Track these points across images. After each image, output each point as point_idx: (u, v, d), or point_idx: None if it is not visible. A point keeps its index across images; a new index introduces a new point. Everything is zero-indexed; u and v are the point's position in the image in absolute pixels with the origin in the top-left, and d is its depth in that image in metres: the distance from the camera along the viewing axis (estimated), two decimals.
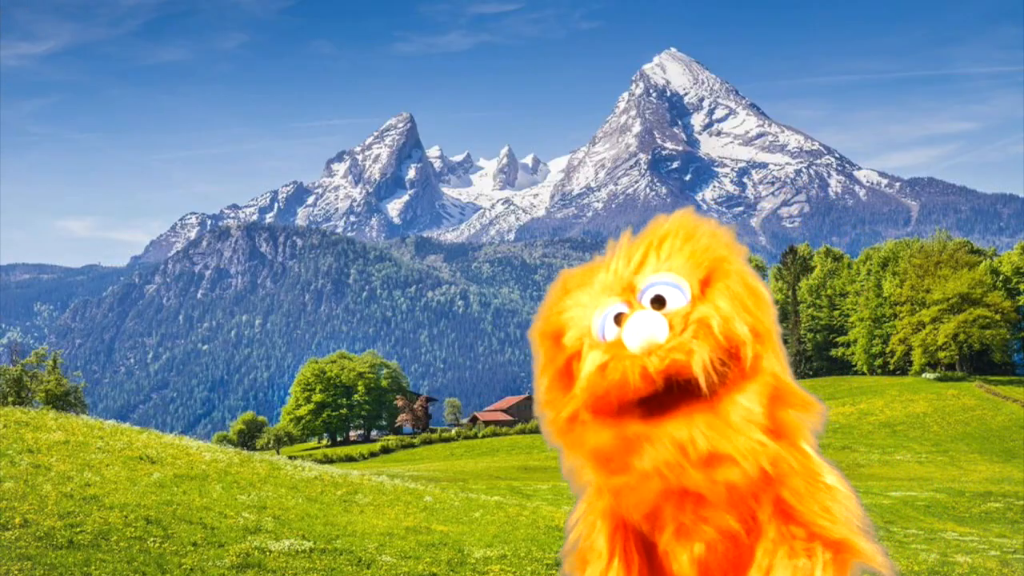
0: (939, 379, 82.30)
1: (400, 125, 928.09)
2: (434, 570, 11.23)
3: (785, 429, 1.53)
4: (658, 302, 1.52)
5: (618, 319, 1.52)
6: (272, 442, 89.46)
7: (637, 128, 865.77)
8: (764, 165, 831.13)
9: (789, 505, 1.53)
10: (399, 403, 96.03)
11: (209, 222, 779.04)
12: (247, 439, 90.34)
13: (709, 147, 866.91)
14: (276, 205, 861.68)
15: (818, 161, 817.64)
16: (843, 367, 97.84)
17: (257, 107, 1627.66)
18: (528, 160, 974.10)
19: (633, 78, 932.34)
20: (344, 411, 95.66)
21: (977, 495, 31.83)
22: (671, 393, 1.48)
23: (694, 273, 1.54)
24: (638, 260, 1.57)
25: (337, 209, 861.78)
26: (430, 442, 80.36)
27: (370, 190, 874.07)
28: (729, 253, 1.58)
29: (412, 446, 79.51)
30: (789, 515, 1.53)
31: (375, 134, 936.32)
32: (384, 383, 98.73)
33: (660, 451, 1.47)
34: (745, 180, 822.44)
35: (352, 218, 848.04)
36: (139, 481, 14.75)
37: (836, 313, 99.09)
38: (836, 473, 1.59)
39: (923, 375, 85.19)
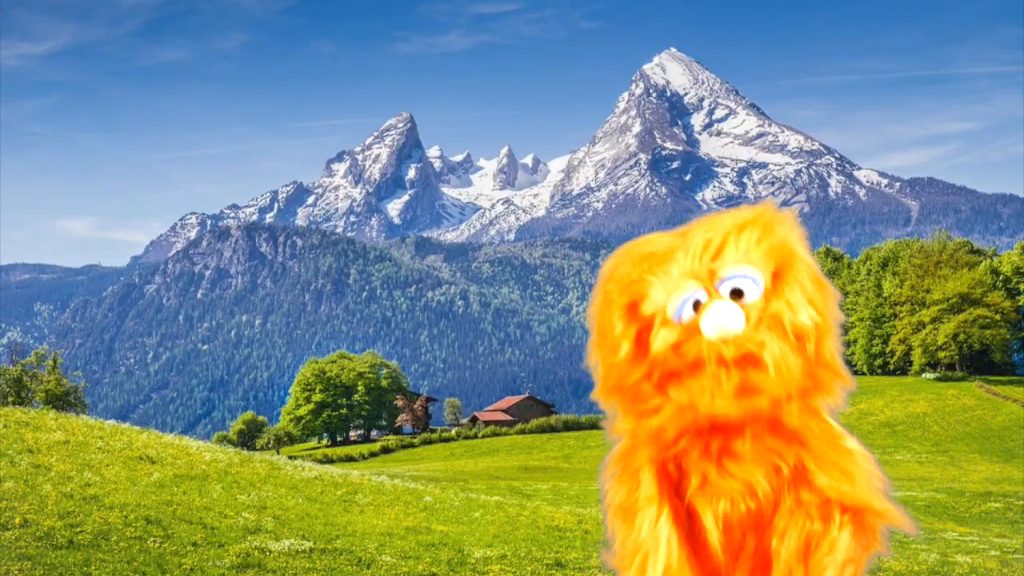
0: (939, 379, 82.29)
1: (400, 125, 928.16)
2: (434, 570, 11.23)
3: (823, 382, 1.65)
4: (736, 294, 1.59)
5: (696, 305, 1.59)
6: (272, 442, 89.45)
7: (637, 128, 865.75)
8: (764, 165, 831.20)
9: (807, 469, 1.59)
10: (399, 403, 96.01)
11: (209, 222, 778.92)
12: (247, 439, 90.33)
13: (709, 147, 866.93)
14: (276, 205, 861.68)
15: (818, 161, 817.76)
16: None
17: (257, 107, 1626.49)
18: (528, 160, 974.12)
19: (633, 78, 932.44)
20: (344, 411, 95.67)
21: (977, 495, 31.83)
22: None
23: (768, 266, 1.61)
24: (717, 247, 1.63)
25: (337, 209, 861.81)
26: (430, 442, 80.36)
27: (370, 190, 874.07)
28: (799, 247, 1.65)
29: (412, 446, 79.52)
30: (806, 479, 1.59)
31: (375, 134, 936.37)
32: (384, 383, 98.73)
33: (696, 385, 1.55)
34: (745, 180, 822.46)
35: (352, 218, 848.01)
36: (139, 481, 14.75)
37: None
38: (854, 439, 1.67)
39: (923, 375, 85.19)
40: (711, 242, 1.64)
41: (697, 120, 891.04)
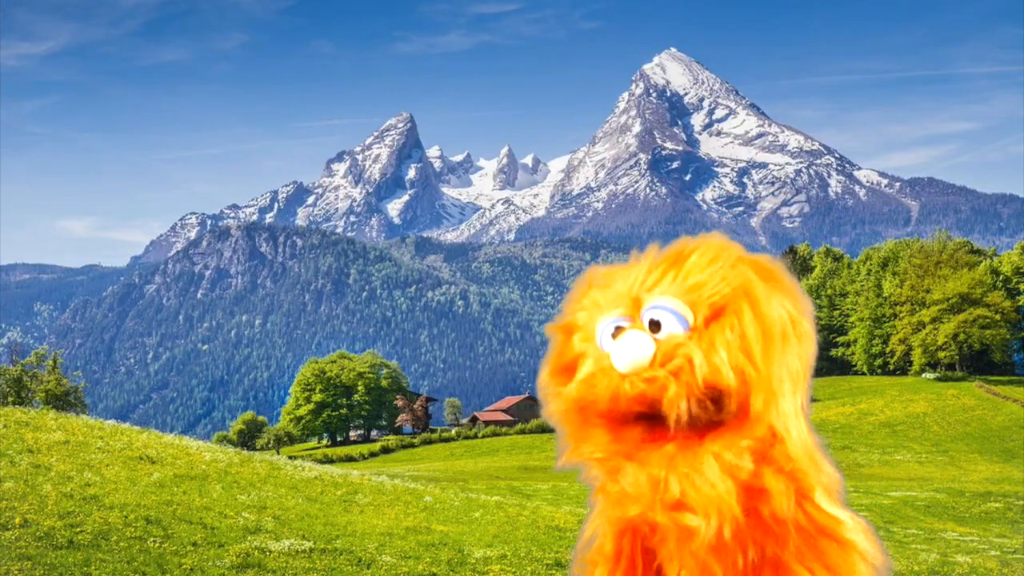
0: (939, 379, 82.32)
1: (400, 125, 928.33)
2: (434, 570, 11.23)
3: (771, 491, 1.45)
4: (655, 325, 1.47)
5: (616, 333, 1.50)
6: (272, 442, 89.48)
7: (637, 128, 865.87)
8: (764, 165, 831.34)
9: (787, 566, 1.46)
10: (399, 403, 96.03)
11: (209, 222, 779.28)
12: (247, 439, 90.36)
13: (709, 147, 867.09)
14: (276, 205, 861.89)
15: (818, 161, 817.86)
16: (843, 367, 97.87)
17: (257, 107, 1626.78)
18: (528, 160, 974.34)
19: (633, 78, 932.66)
20: (344, 411, 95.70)
21: (977, 495, 31.84)
22: (663, 420, 1.46)
23: (704, 302, 1.46)
24: (656, 276, 1.52)
25: (337, 209, 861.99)
26: (430, 442, 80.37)
27: (370, 190, 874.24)
28: (755, 285, 1.47)
29: (412, 446, 79.54)
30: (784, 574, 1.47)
31: (375, 134, 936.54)
32: (384, 383, 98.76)
33: (638, 481, 1.46)
34: (745, 180, 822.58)
35: (352, 218, 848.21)
36: (139, 481, 14.76)
37: (836, 313, 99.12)
38: (859, 525, 1.49)
39: (923, 375, 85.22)
40: (652, 269, 1.54)
41: (697, 120, 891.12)
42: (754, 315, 1.44)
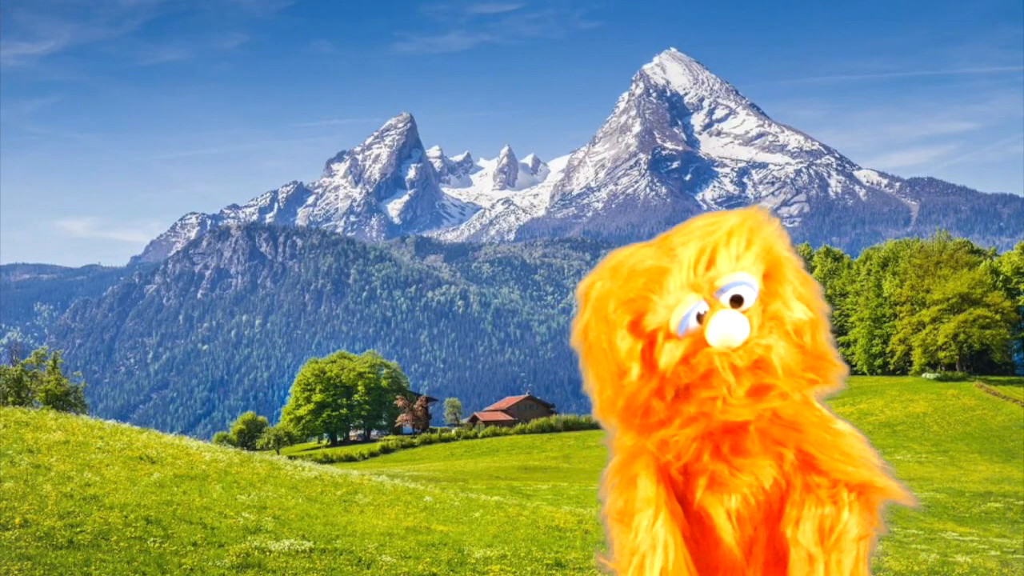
0: (939, 379, 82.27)
1: (400, 125, 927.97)
2: (434, 570, 11.22)
3: (816, 381, 1.72)
4: (735, 301, 1.65)
5: (699, 318, 1.63)
6: (272, 442, 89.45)
7: (637, 128, 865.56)
8: (764, 165, 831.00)
9: (811, 455, 1.66)
10: (399, 403, 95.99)
11: (209, 222, 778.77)
12: (247, 439, 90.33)
13: (709, 147, 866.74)
14: (276, 205, 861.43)
15: (818, 161, 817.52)
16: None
17: (257, 107, 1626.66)
18: (528, 160, 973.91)
19: (633, 78, 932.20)
20: (344, 411, 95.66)
21: (977, 495, 31.83)
22: None
23: (759, 269, 1.69)
24: (710, 256, 1.68)
25: (337, 209, 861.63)
26: (430, 442, 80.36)
27: (370, 190, 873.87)
28: (783, 247, 1.74)
29: (412, 446, 79.52)
30: (811, 465, 1.66)
31: (375, 134, 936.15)
32: (384, 383, 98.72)
33: (708, 391, 1.59)
34: (745, 180, 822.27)
35: (352, 218, 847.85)
36: (139, 481, 14.75)
37: (836, 313, 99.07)
38: (844, 421, 1.77)
39: (923, 375, 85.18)
40: (703, 252, 1.67)
41: (697, 120, 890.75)
42: (794, 271, 1.73)
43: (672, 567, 1.66)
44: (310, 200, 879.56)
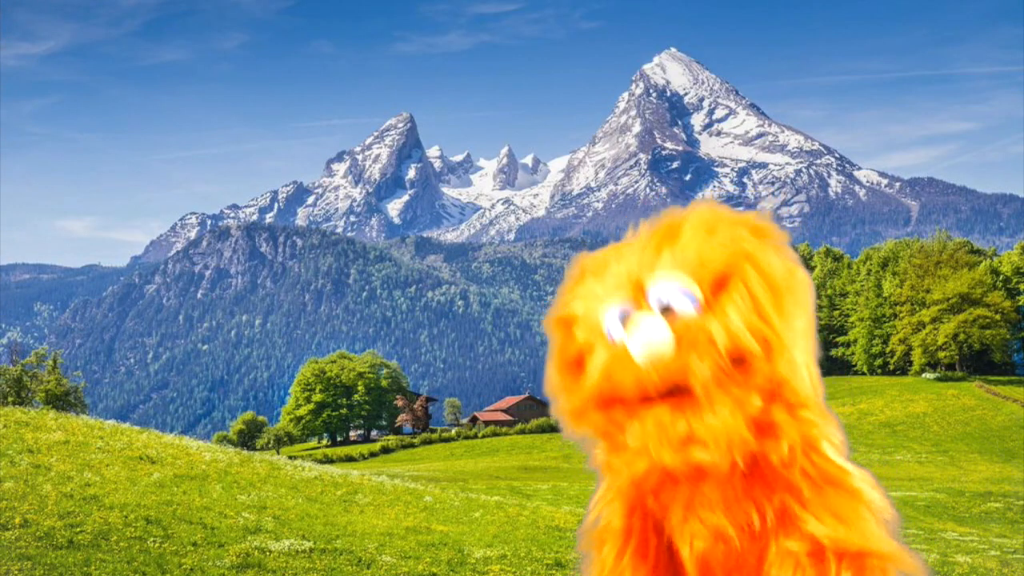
0: (939, 379, 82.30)
1: (400, 125, 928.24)
2: (434, 570, 11.23)
3: (780, 426, 1.45)
4: (666, 308, 1.45)
5: (625, 320, 1.47)
6: (272, 442, 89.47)
7: (637, 128, 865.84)
8: (764, 165, 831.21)
9: (794, 514, 1.46)
10: (399, 403, 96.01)
11: (209, 222, 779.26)
12: (247, 439, 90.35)
13: (709, 147, 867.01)
14: (276, 205, 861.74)
15: (818, 161, 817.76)
16: (843, 367, 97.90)
17: (257, 107, 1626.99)
18: (528, 160, 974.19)
19: (633, 78, 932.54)
20: (344, 411, 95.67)
21: (977, 495, 31.84)
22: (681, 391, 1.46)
23: (707, 274, 1.45)
24: (651, 255, 1.50)
25: (337, 209, 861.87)
26: (430, 442, 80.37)
27: (370, 190, 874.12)
28: (753, 246, 1.47)
29: (412, 446, 79.53)
30: (793, 526, 1.46)
31: (375, 134, 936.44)
32: (384, 383, 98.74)
33: (644, 431, 1.45)
34: (745, 180, 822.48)
35: (352, 218, 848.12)
36: (139, 481, 14.75)
37: (836, 313, 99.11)
38: (866, 478, 1.49)
39: (923, 375, 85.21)
40: (646, 247, 1.52)
41: (697, 120, 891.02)
42: (758, 275, 1.43)
43: None
44: (310, 200, 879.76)
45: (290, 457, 32.04)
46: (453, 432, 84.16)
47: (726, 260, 1.44)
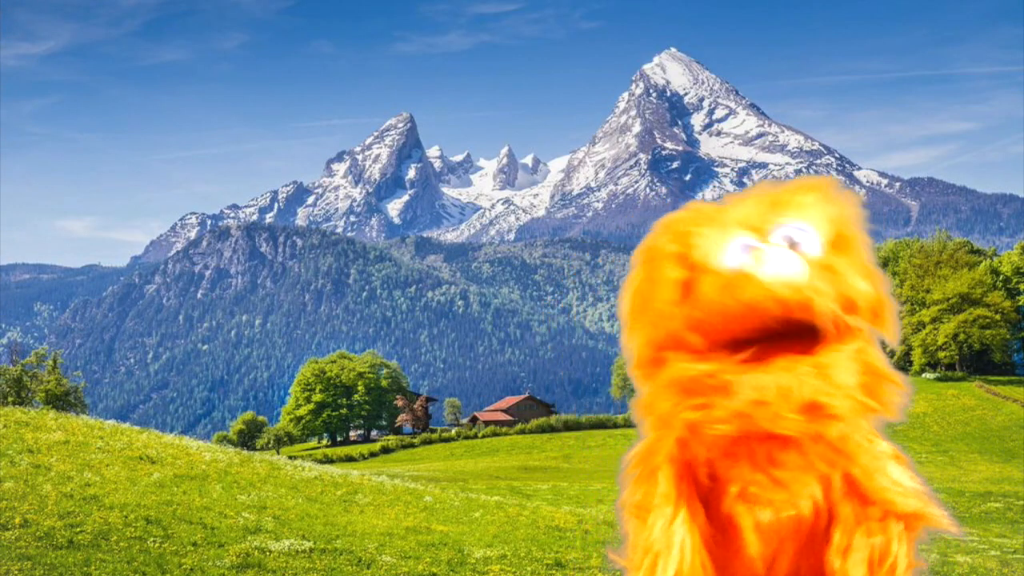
0: (939, 379, 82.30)
1: (400, 125, 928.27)
2: (434, 570, 11.23)
3: (881, 394, 1.53)
4: (790, 243, 1.49)
5: (750, 251, 1.49)
6: (272, 442, 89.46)
7: (637, 128, 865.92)
8: (764, 165, 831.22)
9: (860, 483, 1.52)
10: (399, 403, 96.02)
11: (209, 222, 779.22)
12: (247, 439, 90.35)
13: (709, 147, 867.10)
14: (276, 205, 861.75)
15: (818, 161, 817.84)
16: None
17: (257, 107, 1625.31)
18: (528, 160, 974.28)
19: (633, 78, 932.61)
20: (344, 411, 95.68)
21: (977, 495, 31.85)
22: (779, 339, 1.45)
23: (830, 230, 1.51)
24: (775, 201, 1.55)
25: (337, 209, 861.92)
26: (430, 442, 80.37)
27: (370, 190, 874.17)
28: (860, 230, 1.56)
29: (412, 446, 79.53)
30: (861, 493, 1.52)
31: (375, 134, 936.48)
32: (384, 383, 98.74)
33: (759, 391, 1.43)
34: (745, 180, 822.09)
35: (352, 218, 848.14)
36: (139, 481, 14.76)
37: None
38: (896, 447, 1.60)
39: (923, 375, 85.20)
40: (770, 195, 1.56)
41: (697, 120, 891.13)
42: (864, 251, 1.53)
43: (688, 570, 1.53)
44: (310, 200, 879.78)
45: (290, 457, 32.04)
46: (453, 432, 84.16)
47: (842, 225, 1.52)
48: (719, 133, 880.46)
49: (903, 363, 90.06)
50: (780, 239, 1.49)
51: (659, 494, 1.55)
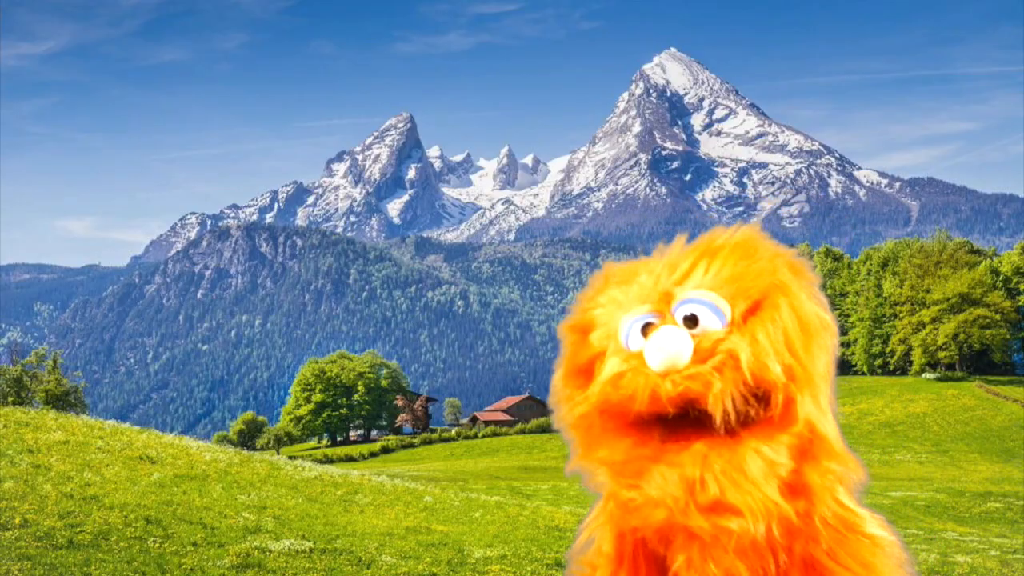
0: (939, 379, 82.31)
1: (400, 125, 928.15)
2: (434, 570, 11.23)
3: (812, 487, 1.42)
4: (691, 321, 1.41)
5: (646, 329, 1.43)
6: (272, 442, 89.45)
7: (637, 128, 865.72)
8: (764, 165, 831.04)
9: (821, 564, 1.43)
10: (399, 403, 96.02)
11: (209, 222, 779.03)
12: (247, 439, 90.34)
13: (709, 147, 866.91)
14: (276, 205, 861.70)
15: (818, 161, 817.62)
16: (843, 367, 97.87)
17: (257, 107, 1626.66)
18: (528, 160, 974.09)
19: (633, 78, 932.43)
20: (344, 411, 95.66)
21: (977, 495, 31.84)
22: (691, 419, 1.39)
23: (741, 296, 1.41)
24: (684, 270, 1.46)
25: (337, 209, 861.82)
26: (430, 442, 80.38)
27: (370, 190, 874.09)
28: (789, 280, 1.44)
29: (412, 446, 79.54)
30: (817, 572, 1.43)
31: (375, 134, 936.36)
32: (384, 383, 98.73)
33: (668, 483, 1.38)
34: (745, 180, 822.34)
35: (352, 218, 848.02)
36: (139, 481, 14.76)
37: (836, 313, 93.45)
38: (879, 521, 1.49)
39: (923, 375, 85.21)
40: (678, 264, 1.47)
41: (697, 120, 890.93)
42: (792, 309, 1.41)
43: None
44: (310, 200, 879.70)
45: (290, 457, 32.04)
46: (453, 432, 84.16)
47: (762, 287, 1.42)
48: (719, 133, 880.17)
49: (903, 363, 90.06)
50: (679, 315, 1.42)
51: (601, 554, 1.55)
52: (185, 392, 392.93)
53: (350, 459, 71.13)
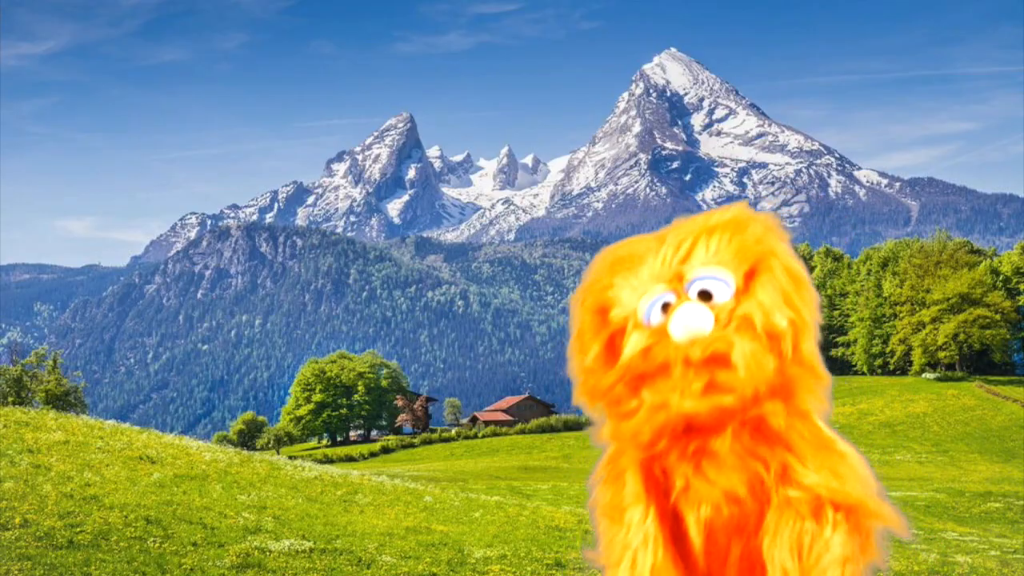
0: (939, 379, 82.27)
1: (400, 125, 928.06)
2: (434, 570, 11.23)
3: (794, 391, 1.60)
4: (704, 295, 1.58)
5: (665, 308, 1.59)
6: (272, 442, 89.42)
7: (637, 128, 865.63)
8: (764, 165, 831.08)
9: (794, 469, 1.58)
10: (399, 403, 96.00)
11: (209, 222, 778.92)
12: (247, 439, 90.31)
13: (709, 147, 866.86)
14: (276, 205, 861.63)
15: (818, 161, 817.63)
16: (843, 367, 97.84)
17: (257, 107, 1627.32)
18: (528, 160, 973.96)
19: (633, 78, 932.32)
20: (344, 411, 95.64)
21: (977, 495, 31.83)
22: None
23: (740, 266, 1.60)
24: (687, 250, 1.63)
25: (337, 209, 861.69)
26: (430, 442, 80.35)
27: (370, 190, 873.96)
28: (776, 245, 1.64)
29: (412, 446, 79.51)
30: (792, 479, 1.57)
31: (375, 134, 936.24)
32: (384, 383, 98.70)
33: (666, 384, 1.54)
34: (745, 180, 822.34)
35: (352, 218, 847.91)
36: (139, 481, 14.75)
37: (836, 313, 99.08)
38: (848, 444, 1.64)
39: (923, 375, 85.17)
40: (681, 244, 1.64)
41: (697, 120, 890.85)
42: (784, 269, 1.61)
43: (661, 563, 1.62)
44: (310, 200, 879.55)
45: (290, 457, 32.04)
46: (453, 432, 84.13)
47: (756, 254, 1.61)
48: (719, 133, 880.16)
49: (903, 363, 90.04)
50: (693, 292, 1.58)
51: (629, 493, 1.65)
52: (185, 392, 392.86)
53: (350, 459, 71.11)
